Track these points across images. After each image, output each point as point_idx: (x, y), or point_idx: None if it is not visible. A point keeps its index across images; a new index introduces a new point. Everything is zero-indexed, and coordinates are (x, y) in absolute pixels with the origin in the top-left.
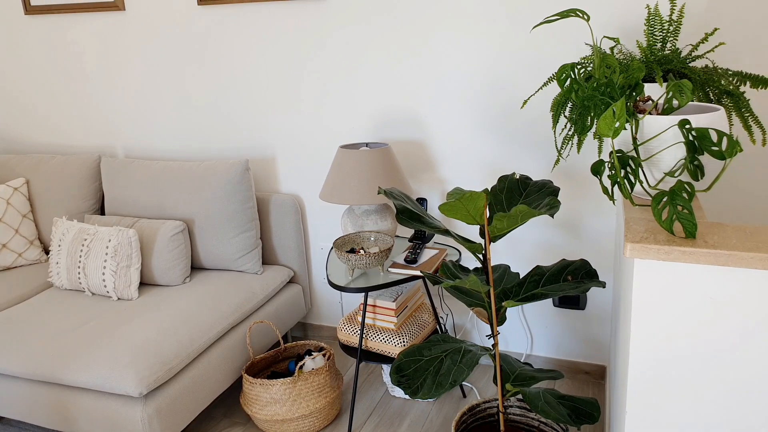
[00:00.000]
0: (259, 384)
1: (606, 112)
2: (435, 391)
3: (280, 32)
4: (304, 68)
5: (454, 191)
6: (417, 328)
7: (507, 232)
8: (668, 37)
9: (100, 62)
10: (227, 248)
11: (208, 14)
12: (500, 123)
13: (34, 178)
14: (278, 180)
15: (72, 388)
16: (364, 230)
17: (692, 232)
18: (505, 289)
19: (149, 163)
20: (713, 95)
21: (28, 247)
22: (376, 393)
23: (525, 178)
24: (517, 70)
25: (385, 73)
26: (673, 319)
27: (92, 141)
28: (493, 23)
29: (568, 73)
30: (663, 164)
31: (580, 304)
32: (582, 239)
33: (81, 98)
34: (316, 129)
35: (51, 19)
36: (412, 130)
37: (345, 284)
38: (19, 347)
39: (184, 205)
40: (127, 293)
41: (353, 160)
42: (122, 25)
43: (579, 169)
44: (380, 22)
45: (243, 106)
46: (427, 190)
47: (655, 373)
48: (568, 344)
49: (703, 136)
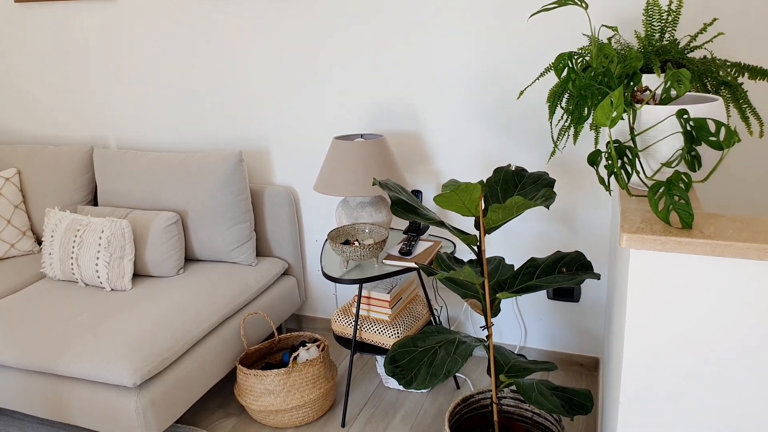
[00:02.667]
0: (254, 375)
1: (603, 102)
2: (429, 382)
3: (275, 23)
4: (298, 59)
5: (450, 183)
6: (411, 320)
7: (502, 223)
8: (666, 27)
9: (93, 52)
10: (221, 240)
11: (203, 5)
12: (496, 114)
13: (26, 168)
14: (272, 171)
15: (66, 379)
16: (358, 222)
17: (689, 222)
18: (499, 281)
19: (142, 154)
20: (711, 86)
21: (20, 237)
22: (370, 384)
23: (520, 169)
24: (513, 61)
25: (381, 64)
26: (668, 309)
27: (85, 132)
28: (489, 13)
29: (566, 62)
30: (660, 154)
31: (574, 297)
32: (577, 231)
33: (73, 88)
34: (311, 120)
35: (42, 8)
36: (407, 122)
37: (340, 276)
38: (13, 338)
39: (178, 197)
40: (120, 284)
41: (348, 152)
42: (116, 14)
43: (575, 161)
44: (375, 13)
45: (237, 97)
46: (422, 182)
47: (650, 364)
48: (562, 336)
49: (701, 126)
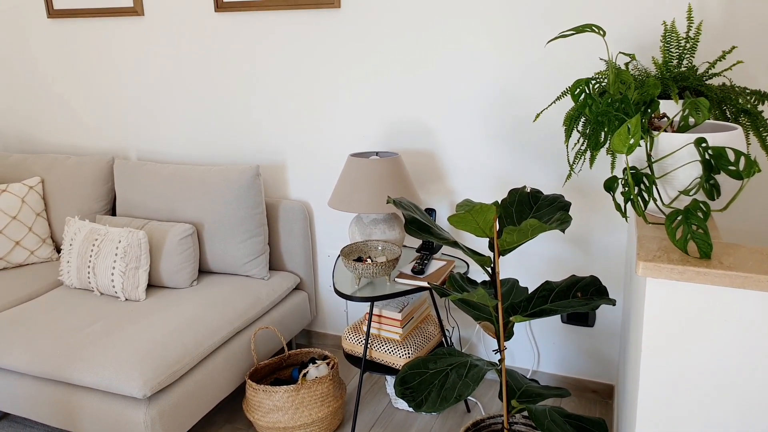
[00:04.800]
0: (263, 390)
1: (620, 129)
2: (439, 405)
3: (293, 40)
4: (316, 76)
5: (464, 203)
6: (422, 340)
7: (516, 246)
8: (685, 54)
9: (118, 66)
10: (235, 253)
11: (224, 21)
12: (511, 135)
13: (49, 177)
14: (287, 186)
15: (77, 387)
16: (371, 239)
17: (707, 252)
18: (513, 304)
19: (161, 166)
20: (730, 113)
21: (40, 245)
22: (379, 404)
23: (536, 191)
24: (530, 84)
25: (398, 83)
26: (685, 340)
27: (107, 143)
28: (507, 36)
29: (583, 88)
30: (677, 182)
31: (588, 321)
32: (592, 255)
33: (98, 100)
34: (327, 137)
35: (72, 23)
36: (422, 141)
37: (351, 293)
38: (26, 344)
39: (194, 209)
40: (134, 294)
41: (363, 169)
42: (141, 30)
43: (591, 184)
44: (394, 32)
45: (255, 112)
46: (436, 200)
47: (667, 396)
48: (576, 361)
49: (720, 155)
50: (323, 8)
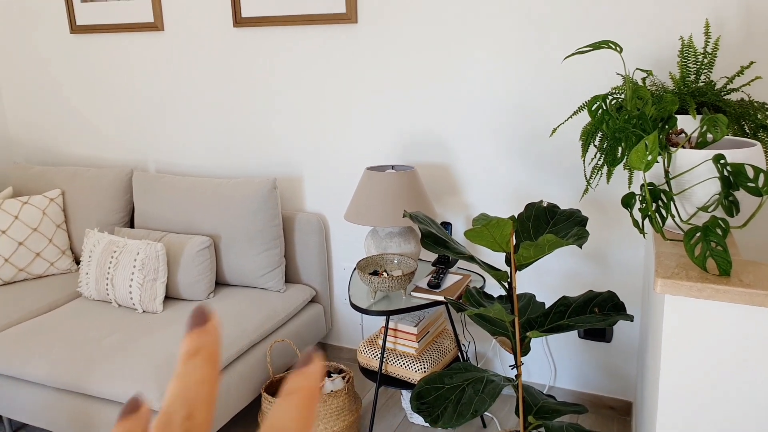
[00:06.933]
0: None
1: (638, 145)
2: (455, 421)
3: (310, 54)
4: (333, 90)
5: (480, 217)
6: (438, 355)
7: (533, 260)
8: (702, 69)
9: (137, 80)
10: (251, 265)
11: (243, 36)
12: (528, 149)
13: (70, 189)
14: (304, 199)
15: (94, 398)
16: (387, 252)
17: (726, 270)
18: (529, 319)
19: (179, 179)
20: (749, 129)
21: (60, 256)
22: (395, 419)
23: (552, 206)
24: (546, 98)
25: (413, 97)
26: (704, 358)
27: (126, 155)
28: (524, 51)
29: (600, 104)
30: (696, 198)
31: (606, 337)
32: (610, 270)
33: (118, 113)
34: (343, 150)
35: (94, 38)
36: (438, 154)
37: (367, 306)
38: (45, 355)
39: (211, 221)
40: (152, 306)
41: (379, 182)
42: (161, 44)
43: (608, 199)
44: (410, 47)
45: (272, 125)
46: (452, 214)
47: (686, 414)
48: (593, 377)
49: (739, 172)
50: (340, 23)
